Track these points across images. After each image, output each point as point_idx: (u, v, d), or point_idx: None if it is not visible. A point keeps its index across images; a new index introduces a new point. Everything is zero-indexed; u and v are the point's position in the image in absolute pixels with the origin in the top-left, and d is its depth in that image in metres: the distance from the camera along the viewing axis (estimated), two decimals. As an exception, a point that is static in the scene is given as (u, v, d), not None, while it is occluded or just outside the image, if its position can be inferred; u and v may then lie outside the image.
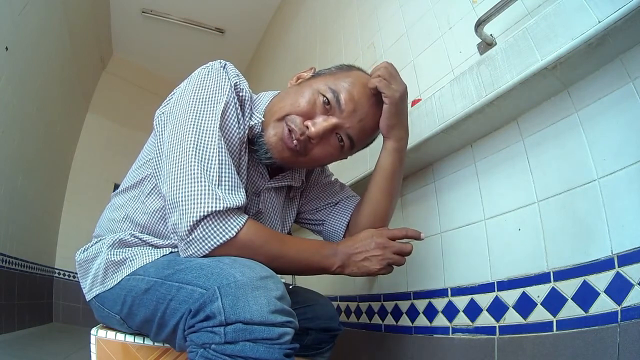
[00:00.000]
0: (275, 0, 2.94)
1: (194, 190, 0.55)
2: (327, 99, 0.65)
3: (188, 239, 0.56)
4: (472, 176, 0.87)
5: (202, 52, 3.56)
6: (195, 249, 0.56)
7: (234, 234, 0.56)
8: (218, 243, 0.55)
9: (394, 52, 1.28)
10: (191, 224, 0.54)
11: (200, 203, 0.55)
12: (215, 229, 0.55)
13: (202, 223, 0.55)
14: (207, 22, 3.23)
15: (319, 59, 1.92)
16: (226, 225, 0.56)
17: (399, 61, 1.24)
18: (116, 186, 3.56)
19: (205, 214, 0.54)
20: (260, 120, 0.67)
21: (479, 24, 0.82)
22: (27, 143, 2.17)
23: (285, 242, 0.63)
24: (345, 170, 1.12)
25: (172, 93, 0.72)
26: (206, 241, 0.55)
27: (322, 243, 0.70)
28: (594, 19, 0.57)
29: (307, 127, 0.65)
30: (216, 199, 0.55)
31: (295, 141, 0.65)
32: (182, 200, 0.56)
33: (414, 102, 1.02)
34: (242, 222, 0.57)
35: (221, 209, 0.55)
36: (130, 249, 0.65)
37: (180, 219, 0.55)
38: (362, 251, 0.67)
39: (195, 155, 0.57)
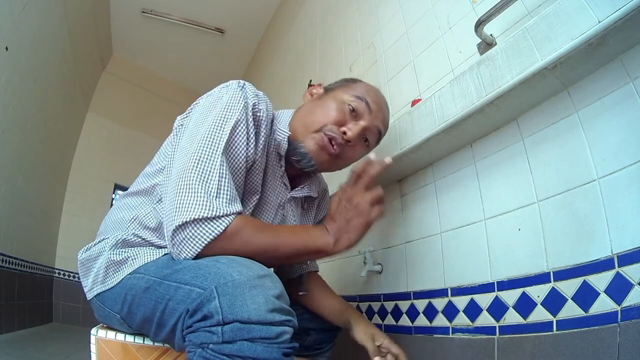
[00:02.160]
0: (275, 0, 2.94)
1: (190, 200, 0.56)
2: (353, 106, 0.75)
3: (176, 240, 0.56)
4: (472, 176, 0.87)
5: (202, 52, 3.57)
6: (186, 249, 0.56)
7: (222, 228, 0.56)
8: (207, 240, 0.55)
9: (394, 52, 1.28)
10: (179, 223, 0.55)
11: (195, 207, 0.55)
12: (203, 228, 0.55)
13: (191, 225, 0.55)
14: (207, 22, 3.23)
15: (319, 59, 1.92)
16: (214, 224, 0.56)
17: (399, 61, 1.24)
18: (116, 186, 3.58)
19: (196, 217, 0.55)
20: (287, 135, 0.73)
21: (479, 24, 0.82)
22: (27, 143, 2.17)
23: (277, 229, 0.65)
24: (345, 171, 1.12)
25: (193, 106, 0.74)
26: (195, 239, 0.55)
27: (311, 226, 0.69)
28: (594, 19, 0.57)
29: (345, 133, 0.73)
30: (211, 207, 0.56)
31: (336, 147, 0.73)
32: (177, 205, 0.56)
33: (414, 102, 1.02)
34: (230, 219, 0.57)
35: (213, 215, 0.55)
36: (132, 248, 0.65)
37: (174, 216, 0.56)
38: (345, 217, 0.66)
39: (196, 170, 0.58)
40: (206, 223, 0.55)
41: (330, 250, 0.64)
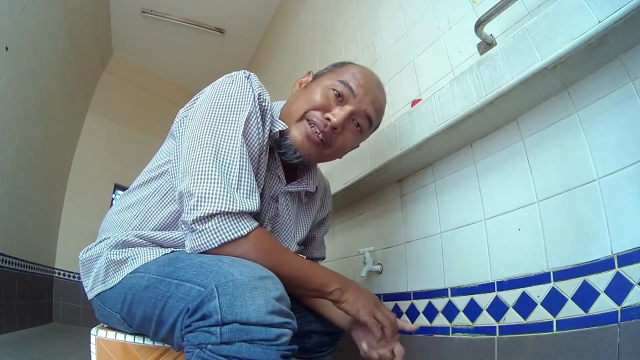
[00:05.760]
0: (275, 0, 2.94)
1: (212, 190, 0.56)
2: (338, 91, 0.71)
3: (200, 228, 0.56)
4: (472, 176, 0.87)
5: (202, 52, 3.56)
6: (205, 240, 0.56)
7: (245, 232, 0.57)
8: (229, 238, 0.56)
9: (394, 52, 1.28)
10: (205, 214, 0.55)
11: (217, 199, 0.55)
12: (228, 225, 0.56)
13: (216, 218, 0.55)
14: (207, 22, 3.23)
15: (319, 59, 1.92)
16: (239, 224, 0.57)
17: (399, 61, 1.24)
18: (116, 186, 3.57)
19: (221, 210, 0.55)
20: (284, 128, 0.70)
21: (479, 24, 0.82)
22: (27, 143, 2.17)
23: (289, 253, 0.66)
24: (345, 171, 1.12)
25: (195, 98, 0.73)
26: (218, 234, 0.56)
27: (325, 267, 0.71)
28: (594, 19, 0.57)
29: (328, 119, 0.70)
30: (233, 200, 0.56)
31: (320, 134, 0.70)
32: (200, 194, 0.56)
33: (414, 102, 1.02)
34: (254, 225, 0.58)
35: (236, 210, 0.56)
36: (132, 249, 0.65)
37: (196, 206, 0.55)
38: (358, 292, 0.68)
39: (216, 161, 0.58)
40: (230, 220, 0.56)
41: (328, 292, 0.65)
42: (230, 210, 0.55)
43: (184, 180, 0.59)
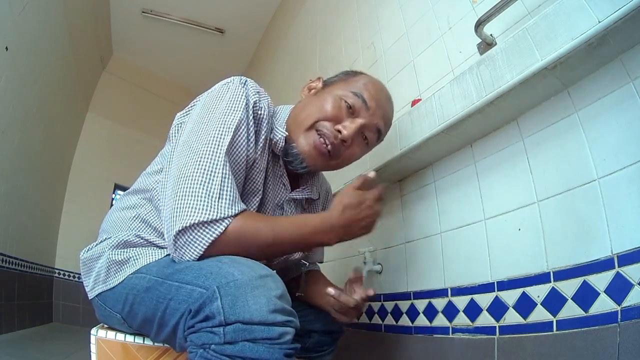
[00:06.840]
0: (275, 0, 2.94)
1: (192, 203, 0.55)
2: (349, 103, 0.71)
3: (178, 243, 0.56)
4: (472, 176, 0.87)
5: (202, 52, 3.56)
6: (188, 253, 0.56)
7: (222, 229, 0.55)
8: (208, 242, 0.55)
9: (394, 52, 1.28)
10: (180, 227, 0.54)
11: (196, 212, 0.55)
12: (204, 231, 0.55)
13: (192, 229, 0.55)
14: (207, 22, 3.22)
15: (319, 59, 1.92)
16: (215, 226, 0.55)
17: (399, 61, 1.24)
18: (116, 186, 3.56)
19: (200, 220, 0.54)
20: (284, 135, 0.70)
21: (479, 24, 0.82)
22: (27, 143, 2.16)
23: (279, 221, 0.61)
24: (345, 171, 1.12)
25: (192, 105, 0.73)
26: (196, 243, 0.55)
27: (315, 220, 0.64)
28: (594, 19, 0.57)
29: (339, 131, 0.69)
30: (213, 210, 0.55)
31: (329, 146, 0.69)
32: (178, 208, 0.56)
33: (414, 102, 1.02)
34: (229, 221, 0.56)
35: (217, 217, 0.55)
36: (134, 249, 0.65)
37: (174, 221, 0.55)
38: (354, 220, 0.64)
39: (198, 171, 0.58)
40: (207, 226, 0.55)
41: (326, 245, 0.65)
42: (208, 220, 0.54)
43: (167, 195, 0.59)
